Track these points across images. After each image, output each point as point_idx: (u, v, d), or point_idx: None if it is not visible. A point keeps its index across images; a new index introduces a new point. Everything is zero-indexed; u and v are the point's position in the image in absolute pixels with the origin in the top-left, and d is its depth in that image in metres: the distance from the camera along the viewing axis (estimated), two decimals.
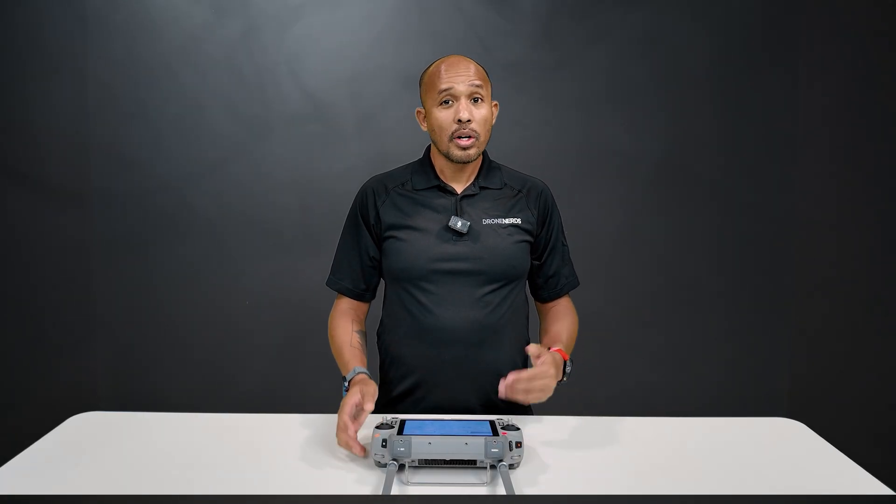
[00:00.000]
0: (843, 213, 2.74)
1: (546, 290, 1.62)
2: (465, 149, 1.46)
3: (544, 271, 1.60)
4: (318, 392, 2.54)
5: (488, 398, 1.49)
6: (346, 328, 1.54)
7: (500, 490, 1.09)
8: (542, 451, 1.26)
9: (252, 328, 2.69)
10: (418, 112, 1.55)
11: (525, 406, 1.48)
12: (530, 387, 1.30)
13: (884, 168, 2.72)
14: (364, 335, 1.56)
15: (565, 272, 1.62)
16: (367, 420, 1.29)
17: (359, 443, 1.20)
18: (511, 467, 1.17)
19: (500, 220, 1.51)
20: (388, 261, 1.53)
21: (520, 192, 1.56)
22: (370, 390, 1.31)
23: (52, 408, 2.08)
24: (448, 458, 1.13)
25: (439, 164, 1.54)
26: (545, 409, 1.55)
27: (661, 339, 2.77)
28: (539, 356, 1.34)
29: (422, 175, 1.55)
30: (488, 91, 1.50)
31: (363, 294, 1.59)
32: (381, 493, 1.07)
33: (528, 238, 1.54)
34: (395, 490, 1.10)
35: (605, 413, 1.46)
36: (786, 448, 1.31)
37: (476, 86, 1.46)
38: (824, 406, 2.71)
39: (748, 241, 2.75)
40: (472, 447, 1.13)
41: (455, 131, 1.45)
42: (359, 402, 1.27)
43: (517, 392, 1.29)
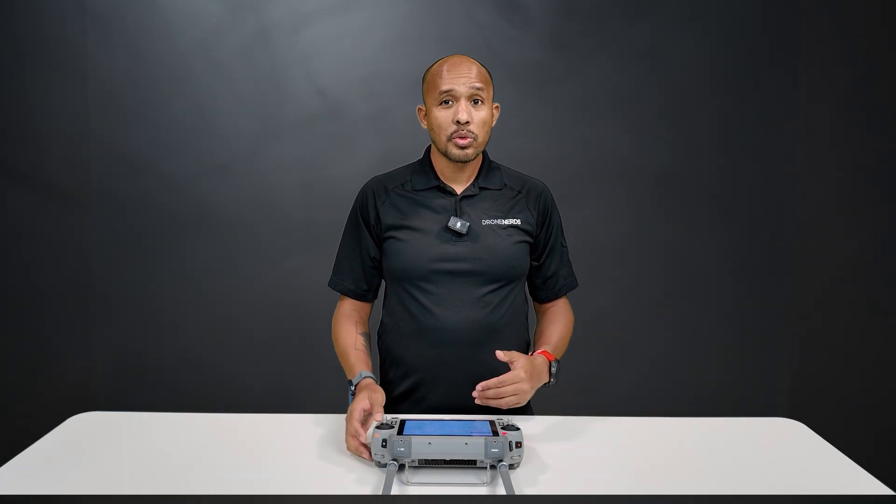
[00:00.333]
0: (843, 214, 2.74)
1: (544, 291, 1.62)
2: (462, 148, 1.46)
3: (543, 272, 1.60)
4: (319, 392, 2.55)
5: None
6: (350, 330, 1.54)
7: (500, 490, 1.09)
8: (542, 451, 1.26)
9: (252, 328, 2.69)
10: (419, 109, 1.56)
11: (525, 406, 1.48)
12: (500, 392, 1.33)
13: (884, 169, 2.72)
14: (368, 336, 1.56)
15: (564, 273, 1.62)
16: None
17: (368, 449, 1.21)
18: (511, 467, 1.17)
19: (499, 221, 1.51)
20: (388, 261, 1.53)
21: (519, 192, 1.56)
22: (379, 398, 1.32)
23: (52, 408, 2.08)
24: (448, 458, 1.13)
25: (439, 164, 1.54)
26: (545, 409, 1.56)
27: (661, 340, 2.77)
28: (512, 361, 1.36)
29: (421, 175, 1.55)
30: (490, 93, 1.50)
31: (365, 294, 1.59)
32: (381, 493, 1.07)
33: (528, 239, 1.54)
34: (395, 490, 1.10)
35: (605, 413, 1.46)
36: (786, 448, 1.31)
37: (477, 88, 1.45)
38: (824, 406, 2.71)
39: (748, 242, 2.75)
40: (472, 447, 1.13)
41: (454, 132, 1.45)
42: (367, 407, 1.28)
43: (489, 399, 1.33)
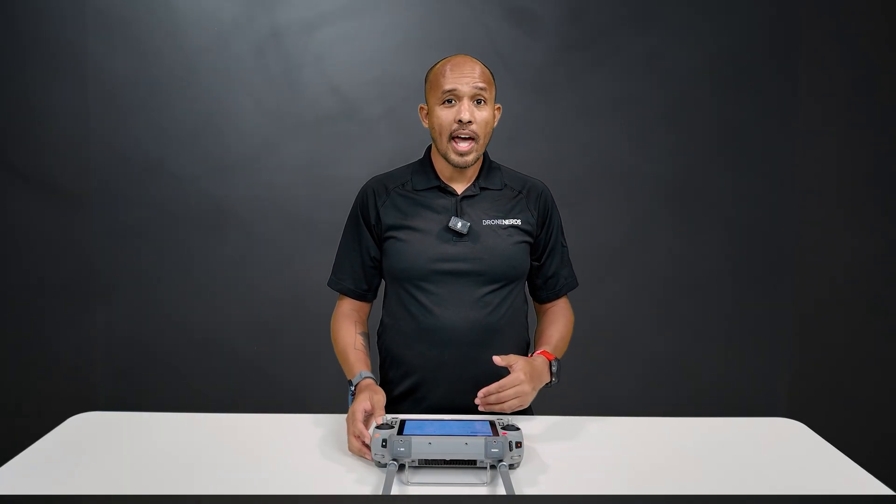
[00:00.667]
0: (844, 214, 2.74)
1: (545, 291, 1.62)
2: (462, 154, 1.46)
3: (543, 272, 1.60)
4: (319, 392, 2.55)
5: None
6: (350, 330, 1.54)
7: (500, 490, 1.09)
8: (542, 451, 1.26)
9: (252, 328, 2.69)
10: (421, 108, 1.56)
11: (525, 406, 1.48)
12: (501, 397, 1.34)
13: (884, 169, 2.72)
14: (367, 336, 1.56)
15: (564, 273, 1.62)
16: None
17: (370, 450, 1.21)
18: (511, 467, 1.17)
19: (499, 221, 1.51)
20: (388, 261, 1.53)
21: (520, 192, 1.56)
22: (379, 399, 1.32)
23: (52, 408, 2.08)
24: (448, 458, 1.13)
25: (440, 164, 1.54)
26: (545, 409, 1.56)
27: (661, 339, 2.77)
28: (510, 365, 1.36)
29: (422, 175, 1.55)
30: (492, 93, 1.50)
31: (365, 294, 1.59)
32: (381, 493, 1.07)
33: (528, 239, 1.54)
34: (395, 490, 1.10)
35: (605, 413, 1.46)
36: (785, 448, 1.31)
37: (479, 88, 1.45)
38: (824, 406, 2.72)
39: (749, 242, 2.75)
40: (472, 447, 1.13)
41: (455, 131, 1.45)
42: (369, 408, 1.28)
43: (491, 405, 1.34)
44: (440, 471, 1.15)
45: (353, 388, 1.41)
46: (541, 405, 1.56)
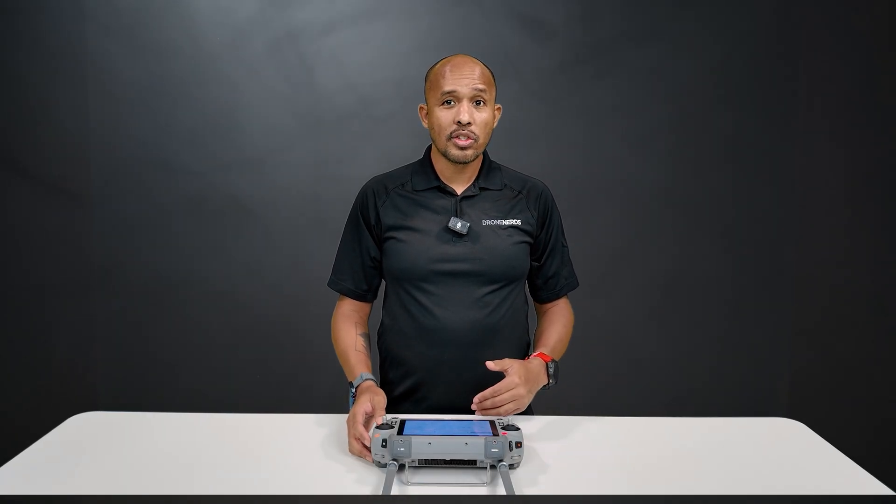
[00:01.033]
0: (844, 214, 2.74)
1: (545, 291, 1.62)
2: (462, 149, 1.45)
3: (544, 272, 1.60)
4: (319, 392, 2.55)
5: None
6: (350, 331, 1.54)
7: (500, 490, 1.09)
8: (542, 451, 1.26)
9: (252, 328, 2.69)
10: (421, 108, 1.55)
11: (521, 409, 1.48)
12: (496, 401, 1.34)
13: (884, 169, 2.72)
14: (368, 337, 1.56)
15: (565, 273, 1.61)
16: None
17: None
18: (511, 467, 1.17)
19: (499, 222, 1.51)
20: (388, 261, 1.53)
21: (520, 193, 1.56)
22: (380, 401, 1.33)
23: (52, 408, 2.08)
24: (448, 458, 1.13)
25: (439, 164, 1.54)
26: (545, 409, 1.56)
27: (661, 340, 2.77)
28: (505, 369, 1.36)
29: (422, 176, 1.55)
30: (492, 94, 1.49)
31: (365, 294, 1.59)
32: (381, 493, 1.07)
33: (528, 239, 1.54)
34: (395, 490, 1.10)
35: (605, 413, 1.46)
36: (785, 448, 1.31)
37: (479, 89, 1.45)
38: (824, 406, 2.71)
39: (748, 242, 2.75)
40: (472, 447, 1.13)
41: (454, 132, 1.45)
42: (369, 410, 1.28)
43: (487, 410, 1.34)
44: (440, 471, 1.15)
45: (353, 390, 1.41)
46: (541, 405, 1.56)
